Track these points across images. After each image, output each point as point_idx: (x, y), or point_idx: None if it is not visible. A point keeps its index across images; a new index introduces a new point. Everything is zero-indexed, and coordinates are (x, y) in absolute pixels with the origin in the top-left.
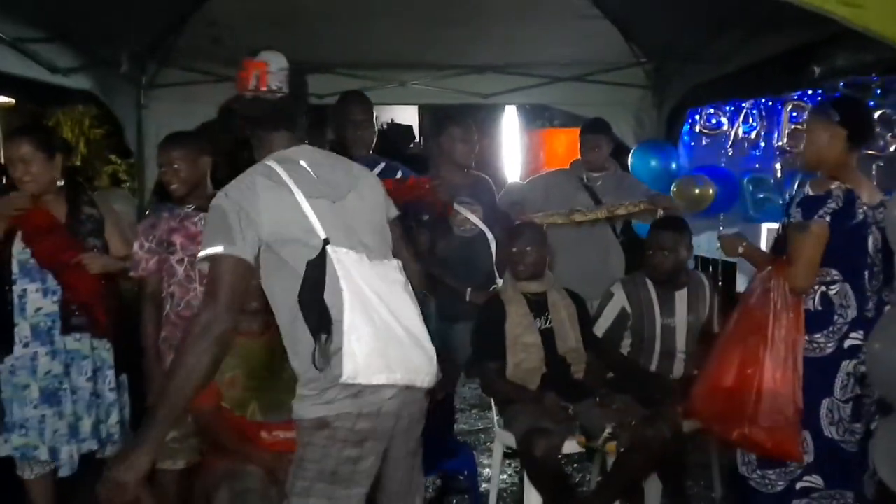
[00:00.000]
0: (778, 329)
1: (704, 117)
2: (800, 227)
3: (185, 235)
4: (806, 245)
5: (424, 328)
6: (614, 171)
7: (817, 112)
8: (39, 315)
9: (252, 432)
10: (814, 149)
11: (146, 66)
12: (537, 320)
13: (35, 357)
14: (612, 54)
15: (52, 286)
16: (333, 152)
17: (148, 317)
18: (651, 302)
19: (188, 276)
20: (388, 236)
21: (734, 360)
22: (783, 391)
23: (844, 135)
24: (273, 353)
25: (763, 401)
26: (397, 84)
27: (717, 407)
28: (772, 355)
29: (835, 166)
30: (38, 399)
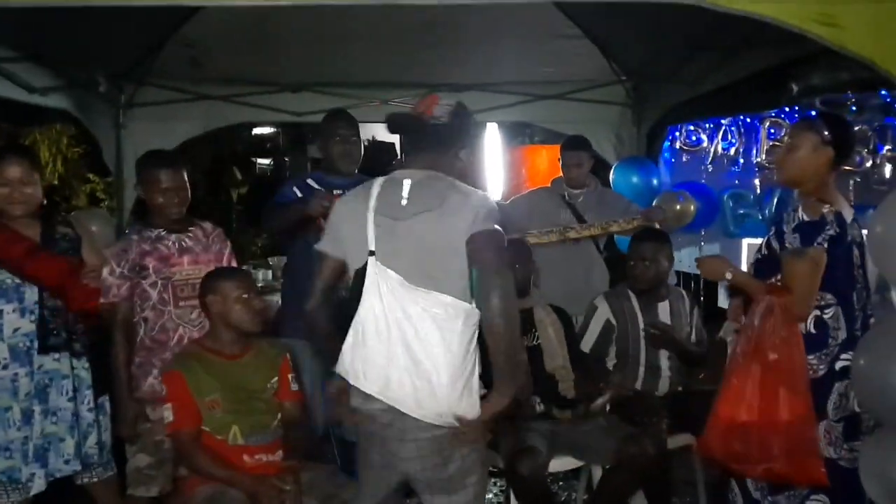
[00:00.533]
0: (784, 358)
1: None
2: (799, 255)
3: (158, 258)
4: (807, 272)
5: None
6: (595, 186)
7: (804, 127)
8: (18, 335)
9: (233, 456)
10: (798, 165)
11: (124, 85)
12: (524, 338)
13: (15, 378)
14: (593, 72)
15: (30, 305)
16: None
17: (119, 344)
18: (634, 312)
19: (162, 298)
20: (451, 265)
21: (746, 395)
22: (799, 420)
23: (830, 153)
24: (254, 374)
25: (782, 433)
26: (378, 102)
27: (735, 446)
28: (784, 385)
29: (816, 184)
30: (20, 421)
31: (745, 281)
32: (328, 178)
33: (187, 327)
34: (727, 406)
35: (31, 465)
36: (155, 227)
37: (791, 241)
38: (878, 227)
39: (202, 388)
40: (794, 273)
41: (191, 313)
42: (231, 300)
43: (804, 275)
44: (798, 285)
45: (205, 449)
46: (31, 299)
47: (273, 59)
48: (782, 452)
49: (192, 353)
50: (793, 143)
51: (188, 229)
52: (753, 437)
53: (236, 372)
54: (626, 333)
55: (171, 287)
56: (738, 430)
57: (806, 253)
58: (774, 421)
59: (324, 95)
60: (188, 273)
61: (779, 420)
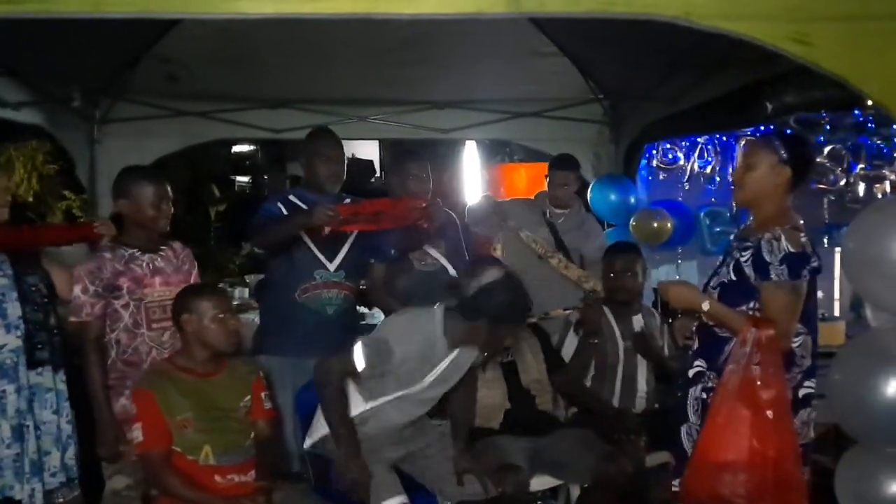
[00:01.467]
0: (771, 394)
1: (661, 152)
2: (787, 287)
3: (132, 278)
4: (793, 305)
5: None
6: (578, 208)
7: (761, 146)
8: (4, 352)
9: (204, 477)
10: (756, 184)
11: (99, 101)
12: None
13: (3, 395)
14: (570, 90)
15: (14, 320)
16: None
17: (94, 364)
18: (611, 325)
19: (135, 321)
20: None
21: (734, 436)
22: (787, 456)
23: (788, 172)
24: (227, 393)
25: (770, 472)
26: (356, 119)
27: (722, 490)
28: (772, 423)
29: (774, 205)
30: (10, 438)
31: (722, 312)
32: (309, 195)
33: (160, 350)
34: (713, 447)
35: (31, 480)
36: (128, 246)
37: (779, 272)
38: (851, 244)
39: (173, 407)
40: (779, 305)
41: (163, 335)
42: (206, 320)
43: (790, 307)
44: (783, 317)
45: (175, 470)
46: (14, 314)
47: (250, 75)
48: (769, 492)
49: (162, 371)
50: (749, 162)
51: (160, 249)
52: (741, 479)
53: (209, 391)
54: (603, 347)
55: (144, 309)
56: (726, 471)
57: (792, 285)
58: (763, 461)
59: (302, 112)
60: (160, 294)
61: (767, 459)
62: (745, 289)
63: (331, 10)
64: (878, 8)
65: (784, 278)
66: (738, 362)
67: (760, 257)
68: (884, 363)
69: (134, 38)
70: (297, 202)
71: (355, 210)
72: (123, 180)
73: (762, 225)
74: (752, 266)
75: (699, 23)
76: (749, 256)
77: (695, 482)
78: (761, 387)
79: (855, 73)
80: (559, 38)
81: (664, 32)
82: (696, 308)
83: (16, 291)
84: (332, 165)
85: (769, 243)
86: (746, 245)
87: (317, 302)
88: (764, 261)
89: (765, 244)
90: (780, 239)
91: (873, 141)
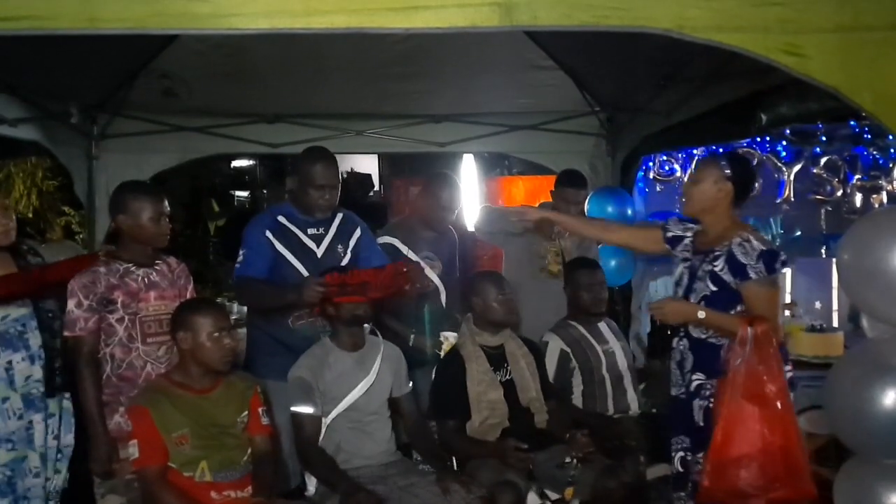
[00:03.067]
0: (774, 386)
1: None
2: (768, 283)
3: (126, 293)
4: (776, 298)
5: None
6: None
7: (708, 163)
8: (30, 383)
9: (200, 493)
10: (700, 196)
11: (97, 116)
12: (497, 373)
13: (30, 426)
14: (567, 103)
15: (36, 350)
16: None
17: (88, 379)
18: (584, 335)
19: (130, 335)
20: None
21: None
22: (794, 443)
23: (730, 188)
24: (224, 409)
25: (781, 459)
26: (354, 133)
27: (738, 484)
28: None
29: (719, 217)
30: (39, 467)
31: (717, 317)
32: (302, 216)
33: (155, 364)
34: (726, 445)
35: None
36: (123, 260)
37: (758, 270)
38: (845, 255)
39: (169, 423)
40: (764, 300)
41: (158, 350)
42: (202, 337)
43: (774, 301)
44: (770, 311)
45: (171, 486)
46: (35, 343)
47: (248, 90)
48: (781, 481)
49: (158, 387)
50: (697, 177)
51: (155, 263)
52: (755, 470)
53: (206, 407)
54: (586, 360)
55: (139, 323)
56: (741, 466)
57: (771, 279)
58: (775, 449)
59: (300, 126)
60: (155, 308)
61: (776, 448)
62: (727, 295)
63: (324, 25)
64: (870, 20)
65: (763, 275)
66: (737, 361)
67: (735, 260)
68: (880, 374)
69: (132, 54)
70: (286, 224)
71: (343, 280)
72: (121, 195)
73: (721, 235)
74: (730, 271)
75: (692, 35)
76: (723, 264)
77: (713, 481)
78: (767, 381)
79: (847, 85)
80: (555, 51)
81: (660, 45)
82: (693, 319)
83: (35, 319)
84: (326, 194)
85: (741, 246)
86: (715, 255)
87: (312, 329)
88: (740, 263)
89: (737, 248)
90: (750, 240)
91: (870, 152)
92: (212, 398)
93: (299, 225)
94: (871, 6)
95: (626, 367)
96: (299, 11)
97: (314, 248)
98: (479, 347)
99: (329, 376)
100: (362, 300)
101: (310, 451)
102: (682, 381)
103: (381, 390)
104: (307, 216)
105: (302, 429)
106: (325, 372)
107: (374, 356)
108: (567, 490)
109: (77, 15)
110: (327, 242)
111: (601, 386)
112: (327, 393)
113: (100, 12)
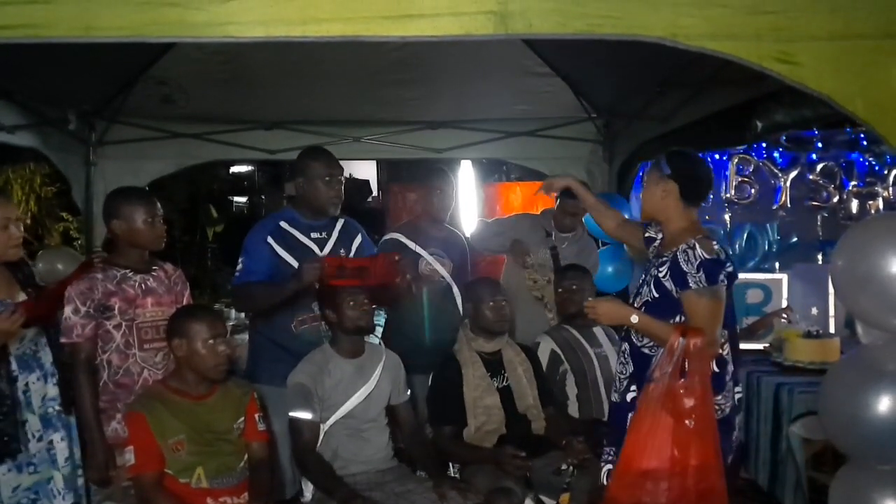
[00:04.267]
0: (696, 402)
1: None
2: (707, 293)
3: (124, 299)
4: (716, 310)
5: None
6: (581, 234)
7: (651, 166)
8: (46, 402)
9: (197, 500)
10: (648, 199)
11: (95, 123)
12: (494, 379)
13: (51, 446)
14: (564, 109)
15: (49, 368)
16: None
17: (85, 386)
18: (576, 338)
19: (127, 341)
20: None
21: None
22: (709, 465)
23: (673, 185)
24: (220, 415)
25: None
26: (351, 140)
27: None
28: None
29: (675, 218)
30: (63, 488)
31: (651, 324)
32: (305, 220)
33: (152, 371)
34: (636, 454)
35: None
36: (120, 266)
37: (697, 280)
38: (839, 261)
39: (166, 429)
40: (703, 312)
41: (155, 356)
42: (197, 345)
43: (713, 313)
44: (708, 324)
45: (168, 493)
46: (47, 361)
47: (246, 97)
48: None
49: (155, 393)
50: (643, 182)
51: (152, 269)
52: (662, 488)
53: (202, 413)
54: (578, 363)
55: (136, 329)
56: (648, 480)
57: (711, 290)
58: (685, 469)
59: (297, 133)
60: (152, 315)
61: (689, 468)
62: (668, 303)
63: (320, 33)
64: (862, 27)
65: (703, 285)
66: (663, 371)
67: (678, 268)
68: (874, 380)
69: (129, 61)
70: (288, 229)
71: (341, 263)
72: (113, 201)
73: (673, 240)
74: (671, 279)
75: (685, 43)
76: (666, 270)
77: (618, 490)
78: (685, 395)
79: (839, 92)
80: (552, 58)
81: (655, 52)
82: (626, 322)
83: (44, 336)
84: (335, 186)
85: (685, 253)
86: (662, 260)
87: (315, 333)
88: (681, 271)
89: (680, 255)
90: (695, 248)
91: (865, 158)
92: (208, 404)
93: (302, 229)
94: (862, 14)
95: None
96: (295, 20)
97: (317, 251)
98: (476, 353)
99: (328, 383)
100: (358, 284)
101: (307, 456)
102: (618, 387)
103: (380, 398)
104: (313, 219)
105: (300, 434)
106: (324, 378)
107: (375, 364)
108: (563, 496)
109: (73, 23)
110: (330, 246)
111: (595, 389)
112: (326, 399)
113: (96, 20)
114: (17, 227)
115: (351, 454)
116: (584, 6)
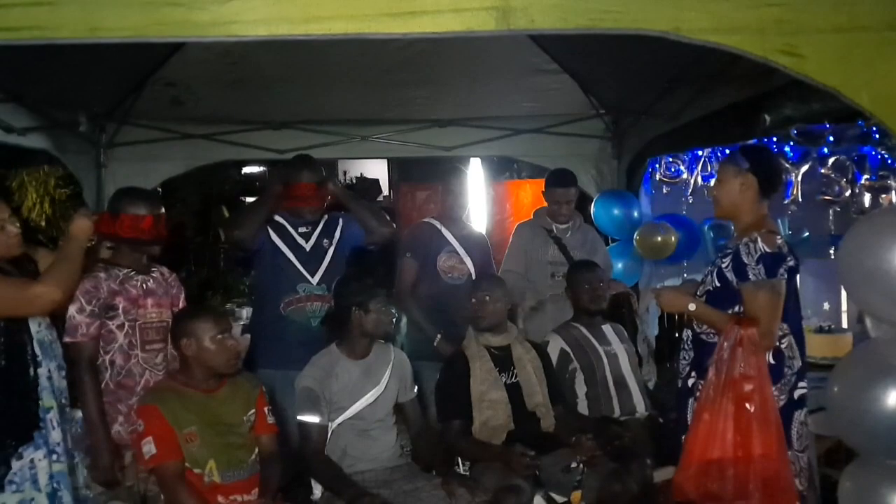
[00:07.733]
0: (754, 391)
1: (664, 166)
2: (763, 286)
3: (127, 299)
4: (772, 303)
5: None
6: (579, 224)
7: (726, 161)
8: (63, 392)
9: (208, 496)
10: (727, 196)
11: (105, 125)
12: (502, 375)
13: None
14: (572, 106)
15: (61, 360)
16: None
17: (89, 386)
18: (586, 336)
19: (130, 342)
20: None
21: (719, 431)
22: (772, 454)
23: (753, 179)
24: (231, 408)
25: (757, 469)
26: (359, 139)
27: (710, 486)
28: (756, 419)
29: (750, 214)
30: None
31: (708, 312)
32: (296, 221)
33: (153, 372)
34: (700, 443)
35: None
36: (122, 266)
37: (756, 272)
38: (847, 255)
39: (179, 420)
40: (760, 304)
41: (156, 357)
42: (206, 342)
43: (771, 305)
44: (765, 316)
45: (191, 486)
46: (60, 353)
47: (254, 97)
48: (757, 489)
49: (166, 386)
50: (720, 178)
51: (151, 271)
52: (728, 475)
53: (213, 405)
54: (587, 360)
55: (139, 330)
56: (713, 468)
57: (770, 283)
58: (749, 456)
59: (306, 132)
60: (153, 315)
61: (753, 455)
62: (728, 294)
63: (323, 31)
64: (867, 20)
65: (761, 277)
66: (721, 360)
67: (739, 260)
68: (883, 374)
69: (138, 63)
70: (282, 222)
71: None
72: (117, 201)
73: (741, 234)
74: (733, 270)
75: (689, 37)
76: (729, 262)
77: (684, 479)
78: (743, 381)
79: (846, 85)
80: (560, 54)
81: (663, 46)
82: (684, 310)
83: (54, 329)
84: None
85: (746, 246)
86: (727, 252)
87: (301, 314)
88: (742, 263)
89: (742, 248)
90: (757, 241)
91: (878, 151)
92: (218, 397)
93: (293, 226)
94: (867, 7)
95: (631, 370)
96: (298, 18)
97: (303, 244)
98: (483, 347)
99: (336, 386)
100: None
101: (316, 460)
102: (682, 374)
103: (388, 399)
104: (298, 221)
105: (308, 438)
106: (331, 382)
107: (383, 366)
108: (574, 494)
109: (78, 24)
110: (314, 239)
111: (604, 387)
112: (334, 402)
113: (100, 21)
114: (14, 225)
115: (359, 452)
116: (585, 1)
